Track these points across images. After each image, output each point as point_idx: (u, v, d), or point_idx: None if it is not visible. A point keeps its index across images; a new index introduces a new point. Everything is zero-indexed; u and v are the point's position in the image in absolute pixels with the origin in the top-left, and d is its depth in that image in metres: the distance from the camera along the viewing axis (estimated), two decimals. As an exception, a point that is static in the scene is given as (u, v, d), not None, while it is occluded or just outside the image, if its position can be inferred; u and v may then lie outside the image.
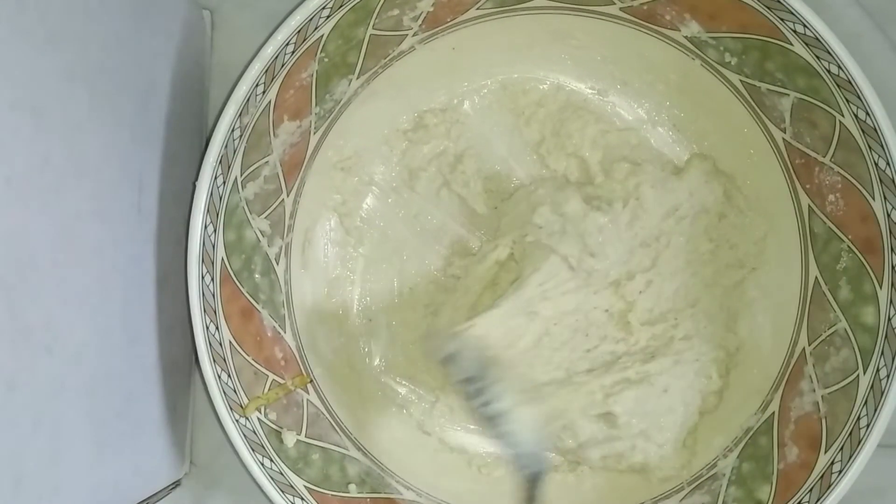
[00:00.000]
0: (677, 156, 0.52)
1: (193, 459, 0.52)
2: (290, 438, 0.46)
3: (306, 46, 0.44)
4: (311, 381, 0.49)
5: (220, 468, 0.52)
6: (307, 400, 0.49)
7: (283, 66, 0.44)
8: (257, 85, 0.43)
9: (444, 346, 0.43)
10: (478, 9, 0.49)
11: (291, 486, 0.45)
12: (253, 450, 0.44)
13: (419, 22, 0.48)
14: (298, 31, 0.43)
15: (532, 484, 0.41)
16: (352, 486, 0.48)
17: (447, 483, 0.50)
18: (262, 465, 0.44)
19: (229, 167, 0.44)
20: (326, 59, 0.46)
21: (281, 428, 0.46)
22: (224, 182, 0.44)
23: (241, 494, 0.52)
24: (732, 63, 0.47)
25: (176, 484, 0.51)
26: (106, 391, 0.39)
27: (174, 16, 0.47)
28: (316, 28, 0.44)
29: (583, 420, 0.48)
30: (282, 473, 0.45)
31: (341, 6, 0.44)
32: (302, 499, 0.45)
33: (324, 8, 0.43)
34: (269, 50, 0.43)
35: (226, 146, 0.43)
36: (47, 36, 0.33)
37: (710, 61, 0.48)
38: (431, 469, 0.51)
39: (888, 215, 0.43)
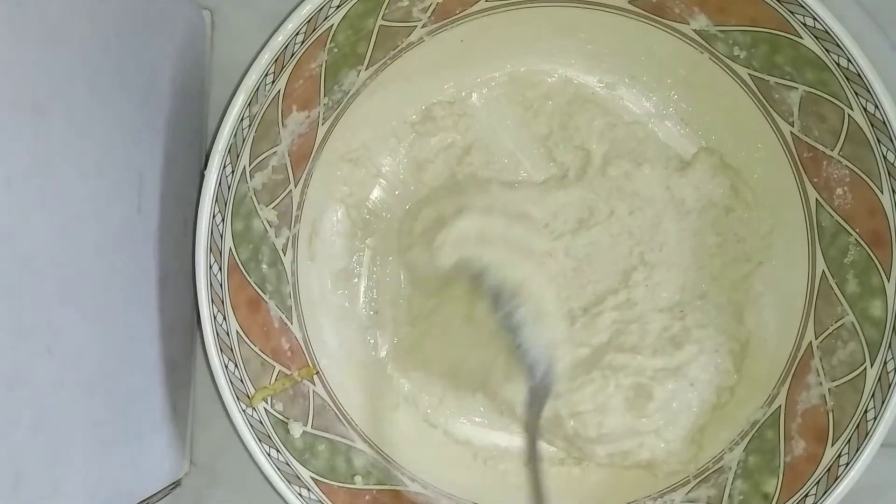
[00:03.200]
0: (685, 149, 0.52)
1: (193, 459, 0.52)
2: (296, 429, 0.46)
3: (316, 36, 0.44)
4: (318, 372, 0.49)
5: (220, 468, 0.52)
6: (313, 391, 0.49)
7: (292, 55, 0.44)
8: (267, 74, 0.43)
9: (475, 264, 0.47)
10: (487, 0, 0.49)
11: (298, 477, 0.45)
12: (259, 440, 0.44)
13: (428, 13, 0.48)
14: (308, 21, 0.43)
15: (536, 396, 0.44)
16: (358, 478, 0.48)
17: (453, 475, 0.50)
18: (269, 455, 0.44)
19: (238, 157, 0.44)
20: (336, 50, 0.46)
21: (287, 419, 0.46)
22: (233, 171, 0.44)
23: (242, 494, 0.52)
24: (741, 56, 0.47)
25: (176, 484, 0.51)
26: (106, 391, 0.39)
27: (174, 15, 0.47)
28: (326, 18, 0.44)
29: (615, 402, 0.48)
30: (288, 464, 0.45)
31: (351, -4, 0.44)
32: (308, 489, 0.45)
33: (333, -2, 0.43)
34: (280, 39, 0.43)
35: (234, 135, 0.43)
36: (47, 35, 0.33)
37: (719, 55, 0.48)
38: (437, 461, 0.51)
39: (896, 208, 0.43)
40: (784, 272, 0.49)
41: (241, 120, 0.43)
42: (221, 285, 0.44)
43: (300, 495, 0.44)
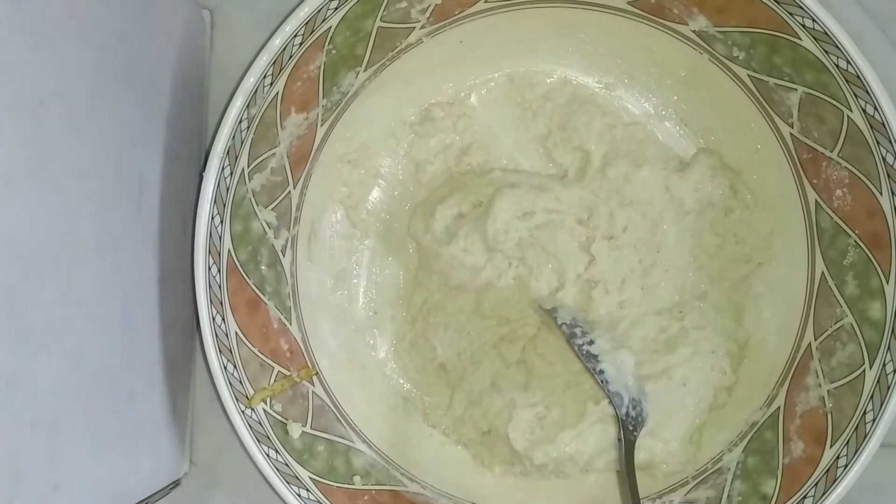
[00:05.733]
0: (684, 150, 0.52)
1: (193, 459, 0.52)
2: (295, 430, 0.46)
3: (314, 38, 0.44)
4: (317, 373, 0.50)
5: (219, 467, 0.52)
6: (312, 392, 0.49)
7: (290, 57, 0.44)
8: (265, 76, 0.43)
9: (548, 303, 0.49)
10: (486, 1, 0.49)
11: (297, 478, 0.45)
12: (259, 441, 0.44)
13: (427, 14, 0.48)
14: (307, 23, 0.43)
15: (629, 426, 0.45)
16: (357, 478, 0.48)
17: (451, 475, 0.50)
18: (268, 456, 0.44)
19: (236, 158, 0.44)
20: (334, 52, 0.46)
21: (286, 419, 0.46)
22: (231, 173, 0.44)
23: (241, 493, 0.52)
24: (740, 57, 0.47)
25: (176, 483, 0.51)
26: (105, 390, 0.39)
27: (174, 15, 0.47)
28: (324, 20, 0.44)
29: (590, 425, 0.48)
30: (287, 465, 0.45)
31: (349, -3, 0.44)
32: (307, 490, 0.45)
33: (332, 0, 0.43)
34: (278, 41, 0.43)
35: (233, 137, 0.43)
36: (47, 35, 0.33)
37: (718, 56, 0.48)
38: (436, 462, 0.51)
39: None
40: (783, 274, 0.49)
41: (240, 122, 0.43)
42: (220, 287, 0.44)
43: (299, 496, 0.45)
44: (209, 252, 0.43)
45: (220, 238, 0.44)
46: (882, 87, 0.42)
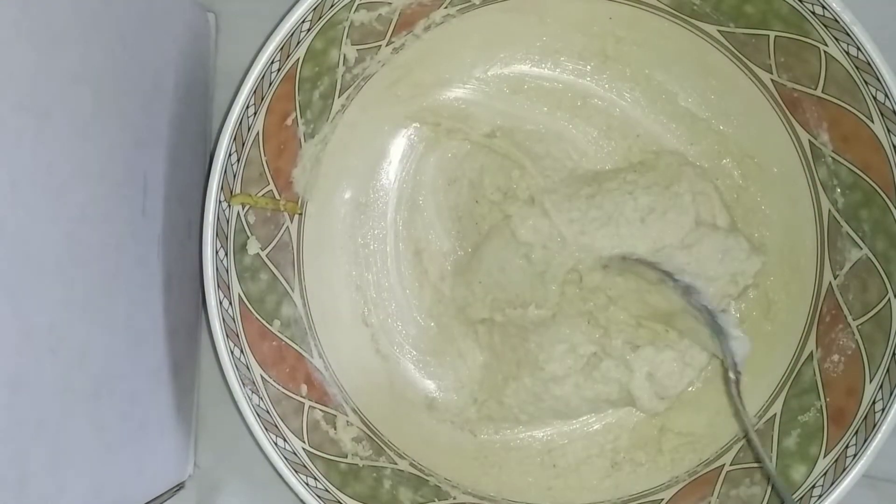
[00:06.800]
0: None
1: (197, 462, 0.51)
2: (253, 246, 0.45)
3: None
4: (301, 213, 0.48)
5: (224, 470, 0.51)
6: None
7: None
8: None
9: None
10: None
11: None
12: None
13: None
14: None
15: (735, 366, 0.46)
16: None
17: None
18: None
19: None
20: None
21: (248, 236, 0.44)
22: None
23: (245, 496, 0.51)
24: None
25: (180, 486, 0.49)
26: (110, 393, 0.39)
27: (178, 18, 0.48)
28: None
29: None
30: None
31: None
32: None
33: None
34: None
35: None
36: (52, 38, 0.33)
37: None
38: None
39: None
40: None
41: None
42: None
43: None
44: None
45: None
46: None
